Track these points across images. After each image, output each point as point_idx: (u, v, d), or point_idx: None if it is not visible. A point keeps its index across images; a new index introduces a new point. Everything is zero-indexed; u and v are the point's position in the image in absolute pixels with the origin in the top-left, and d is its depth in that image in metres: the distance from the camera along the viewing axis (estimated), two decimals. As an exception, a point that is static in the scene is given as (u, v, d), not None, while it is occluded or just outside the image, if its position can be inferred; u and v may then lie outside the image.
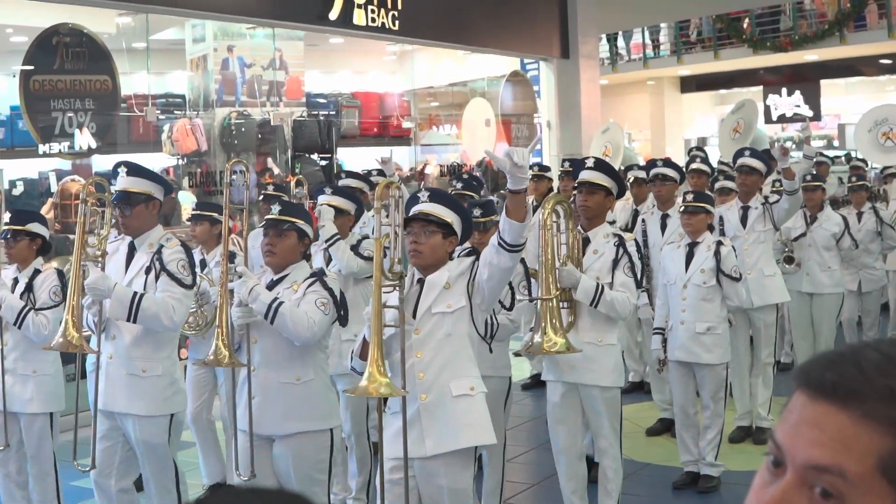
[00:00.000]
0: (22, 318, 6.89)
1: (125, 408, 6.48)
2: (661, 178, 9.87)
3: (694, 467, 8.35)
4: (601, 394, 6.91)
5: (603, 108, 20.18)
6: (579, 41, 18.84)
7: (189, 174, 14.95)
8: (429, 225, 5.47)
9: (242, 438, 6.18)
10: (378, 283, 5.18)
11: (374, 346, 5.08)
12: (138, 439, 6.50)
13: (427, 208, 5.50)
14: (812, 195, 10.71)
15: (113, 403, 6.51)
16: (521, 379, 11.96)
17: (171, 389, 6.60)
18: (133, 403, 6.47)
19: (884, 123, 14.38)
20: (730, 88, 32.16)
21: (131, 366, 6.47)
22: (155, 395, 6.50)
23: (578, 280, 6.67)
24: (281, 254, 6.13)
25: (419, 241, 5.46)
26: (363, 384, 5.07)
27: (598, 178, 7.11)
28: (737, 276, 8.17)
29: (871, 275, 12.22)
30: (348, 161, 17.23)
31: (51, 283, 7.03)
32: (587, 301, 6.72)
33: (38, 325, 6.88)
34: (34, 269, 7.12)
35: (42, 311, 6.95)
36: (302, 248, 6.25)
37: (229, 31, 15.79)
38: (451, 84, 20.85)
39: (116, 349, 6.50)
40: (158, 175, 7.07)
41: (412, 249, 5.48)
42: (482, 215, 7.24)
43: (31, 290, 7.00)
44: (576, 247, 6.83)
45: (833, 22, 25.59)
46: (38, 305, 6.97)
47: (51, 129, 12.08)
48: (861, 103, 26.83)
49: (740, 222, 9.66)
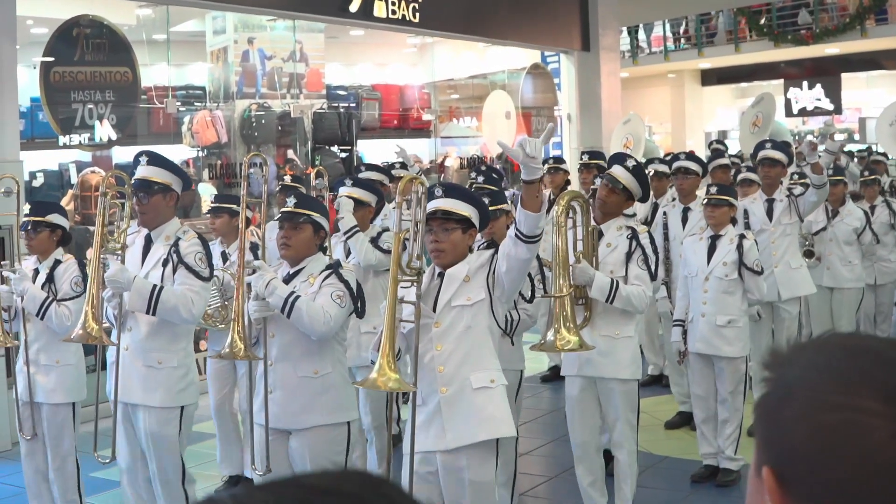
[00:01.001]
0: (45, 310, 6.92)
1: (140, 399, 6.51)
2: (684, 172, 9.84)
3: (713, 460, 8.33)
4: (619, 386, 6.91)
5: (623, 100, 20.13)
6: (600, 34, 18.79)
7: (209, 166, 14.97)
8: (448, 222, 5.47)
9: (259, 432, 6.19)
10: (395, 277, 5.18)
11: (386, 340, 5.08)
12: (147, 431, 6.51)
13: (444, 204, 5.49)
14: (834, 189, 10.69)
15: (129, 395, 6.54)
16: (540, 371, 11.97)
17: (185, 381, 6.62)
18: (147, 395, 6.49)
19: (904, 117, 14.34)
20: (750, 82, 32.04)
21: (147, 357, 6.49)
22: (169, 386, 6.52)
23: (592, 278, 6.65)
24: (296, 246, 6.13)
25: (440, 239, 5.46)
26: (373, 376, 5.08)
27: (625, 178, 7.09)
28: (759, 269, 8.16)
29: (885, 267, 12.20)
30: (368, 153, 17.24)
31: (72, 274, 7.05)
32: (602, 298, 6.71)
33: (60, 317, 6.90)
34: (55, 259, 7.14)
35: (64, 302, 6.97)
36: (318, 241, 6.24)
37: (250, 23, 15.79)
38: (471, 76, 20.81)
39: (133, 341, 6.52)
40: (179, 167, 7.07)
41: (434, 249, 5.47)
42: (491, 203, 7.22)
43: (51, 281, 7.02)
44: (591, 244, 6.82)
45: (854, 15, 25.49)
46: (60, 296, 6.99)
47: (71, 120, 12.10)
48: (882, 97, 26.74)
49: (766, 215, 9.65)
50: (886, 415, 1.33)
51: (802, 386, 1.39)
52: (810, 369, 1.40)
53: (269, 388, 6.08)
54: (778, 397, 1.41)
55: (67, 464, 7.16)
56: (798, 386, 1.39)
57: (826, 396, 1.36)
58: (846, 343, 1.43)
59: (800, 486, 1.37)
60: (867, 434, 1.32)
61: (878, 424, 1.32)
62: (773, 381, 1.44)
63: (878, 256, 11.97)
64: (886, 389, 1.34)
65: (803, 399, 1.38)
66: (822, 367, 1.39)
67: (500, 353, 5.67)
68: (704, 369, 8.29)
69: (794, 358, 1.43)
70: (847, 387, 1.35)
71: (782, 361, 1.44)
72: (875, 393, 1.34)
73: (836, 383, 1.36)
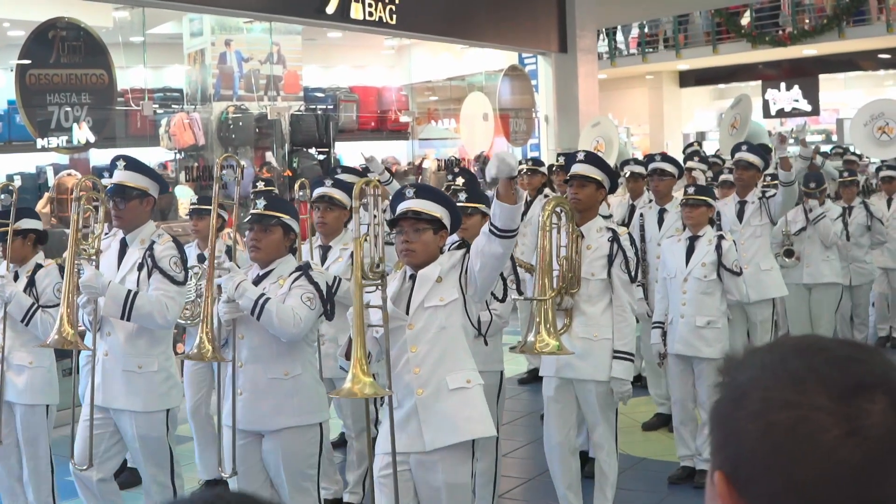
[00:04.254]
0: (30, 316, 6.89)
1: (123, 404, 6.50)
2: (660, 173, 9.84)
3: (690, 462, 8.33)
4: (596, 388, 6.90)
5: (601, 102, 20.18)
6: (577, 35, 18.84)
7: (186, 168, 14.93)
8: (418, 223, 5.44)
9: (228, 434, 6.18)
10: (359, 283, 5.14)
11: (356, 347, 5.04)
12: (136, 435, 6.51)
13: (415, 205, 5.46)
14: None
15: (111, 400, 6.52)
16: (518, 373, 11.96)
17: (167, 385, 6.62)
18: (130, 400, 6.48)
19: (880, 118, 14.35)
20: (728, 83, 32.15)
21: (127, 362, 6.48)
22: (151, 390, 6.51)
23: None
24: (266, 248, 6.13)
25: (411, 239, 5.43)
26: (347, 386, 5.03)
27: (588, 171, 7.10)
28: (738, 270, 8.17)
29: (861, 268, 12.27)
30: (346, 155, 17.22)
31: (54, 280, 7.02)
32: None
33: (45, 324, 6.87)
34: (36, 263, 7.11)
35: (48, 309, 6.94)
36: (288, 243, 6.25)
37: (227, 26, 15.77)
38: (449, 78, 20.84)
39: (111, 346, 6.51)
40: (156, 172, 7.08)
41: (404, 249, 5.45)
42: (467, 200, 7.21)
43: (32, 285, 6.99)
44: (575, 248, 6.81)
45: (832, 16, 25.58)
46: (43, 302, 6.96)
47: (47, 123, 12.05)
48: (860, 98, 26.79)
49: (737, 217, 9.67)
50: (838, 412, 1.33)
51: (755, 386, 1.39)
52: (763, 370, 1.41)
53: (239, 389, 6.08)
54: (731, 399, 1.42)
55: (41, 467, 7.12)
56: (750, 387, 1.40)
57: (777, 395, 1.36)
58: (798, 343, 1.44)
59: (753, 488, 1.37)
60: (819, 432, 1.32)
61: (830, 422, 1.32)
62: (726, 385, 1.44)
63: (853, 257, 12.02)
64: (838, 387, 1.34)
65: (755, 399, 1.38)
66: (774, 367, 1.40)
67: (478, 354, 5.66)
68: (683, 371, 8.29)
69: (747, 361, 1.44)
70: (798, 385, 1.36)
71: (736, 365, 1.44)
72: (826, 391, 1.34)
73: (787, 382, 1.37)
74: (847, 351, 1.40)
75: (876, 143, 14.41)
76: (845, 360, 1.38)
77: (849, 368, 1.37)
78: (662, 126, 32.22)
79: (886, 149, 14.28)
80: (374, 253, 5.24)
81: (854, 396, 1.34)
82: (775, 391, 1.36)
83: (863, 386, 1.35)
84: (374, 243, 5.28)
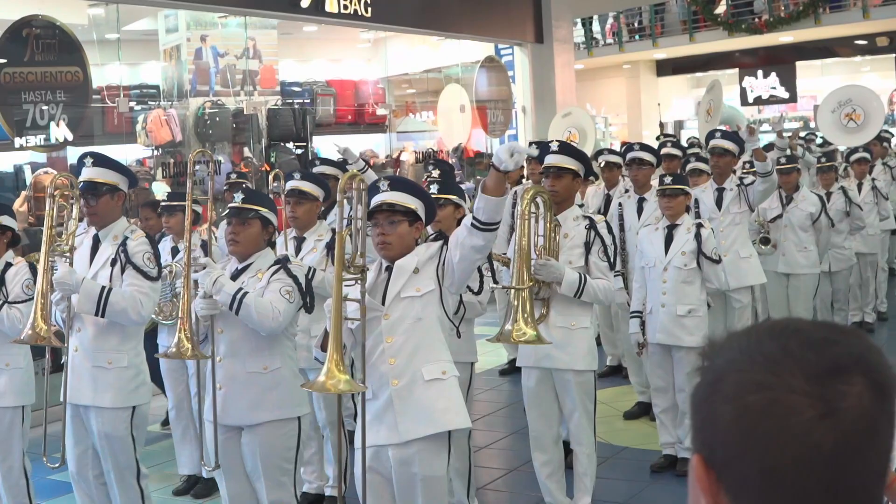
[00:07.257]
0: None
1: (90, 400, 6.47)
2: (638, 163, 9.85)
3: (672, 450, 8.34)
4: (575, 377, 6.89)
5: (579, 92, 20.18)
6: (553, 26, 18.84)
7: (164, 165, 14.91)
8: (394, 215, 5.43)
9: (209, 429, 6.16)
10: (339, 276, 5.13)
11: (333, 342, 5.03)
12: (100, 431, 6.48)
13: (390, 197, 5.45)
14: (787, 178, 10.81)
15: (79, 396, 6.50)
16: (499, 364, 11.98)
17: (136, 382, 6.58)
18: (98, 396, 6.45)
19: (847, 104, 14.34)
20: (706, 71, 32.10)
21: (97, 358, 6.45)
22: (119, 387, 6.48)
23: (562, 274, 6.65)
24: (244, 242, 6.10)
25: (386, 231, 5.42)
26: (321, 380, 5.01)
27: (563, 161, 7.09)
28: (717, 258, 8.16)
29: (840, 254, 12.32)
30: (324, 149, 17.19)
31: (23, 277, 6.96)
32: (571, 293, 6.71)
33: (12, 319, 6.81)
34: (5, 262, 7.05)
35: (16, 305, 6.89)
36: (266, 237, 6.22)
37: (202, 21, 15.73)
38: (425, 71, 20.80)
39: (82, 342, 6.48)
40: (124, 166, 7.03)
41: (380, 241, 5.43)
42: (440, 191, 7.18)
43: (2, 284, 6.94)
44: (552, 238, 6.80)
45: (808, 3, 25.59)
46: (11, 299, 6.90)
47: (23, 122, 12.02)
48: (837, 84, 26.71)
49: (715, 204, 9.69)
50: (812, 394, 1.32)
51: (730, 369, 1.38)
52: (739, 353, 1.40)
53: (218, 384, 6.06)
54: (707, 383, 1.41)
55: (15, 468, 7.07)
56: (726, 370, 1.39)
57: (751, 377, 1.35)
58: (774, 326, 1.43)
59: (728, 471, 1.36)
60: (793, 414, 1.32)
61: (804, 404, 1.31)
62: (705, 370, 1.43)
63: (832, 244, 12.05)
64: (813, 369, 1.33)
65: (730, 382, 1.37)
66: (750, 350, 1.39)
67: (450, 345, 5.63)
68: (664, 360, 8.28)
69: (725, 345, 1.43)
70: (772, 367, 1.35)
71: (717, 350, 1.44)
72: (802, 372, 1.33)
73: (762, 364, 1.36)
74: (823, 333, 1.39)
75: (843, 130, 14.38)
76: (821, 341, 1.37)
77: (825, 350, 1.36)
78: (640, 115, 32.22)
79: (853, 136, 14.26)
80: (356, 246, 5.24)
81: (830, 378, 1.33)
82: (749, 374, 1.36)
83: (839, 367, 1.34)
84: (356, 236, 5.27)
